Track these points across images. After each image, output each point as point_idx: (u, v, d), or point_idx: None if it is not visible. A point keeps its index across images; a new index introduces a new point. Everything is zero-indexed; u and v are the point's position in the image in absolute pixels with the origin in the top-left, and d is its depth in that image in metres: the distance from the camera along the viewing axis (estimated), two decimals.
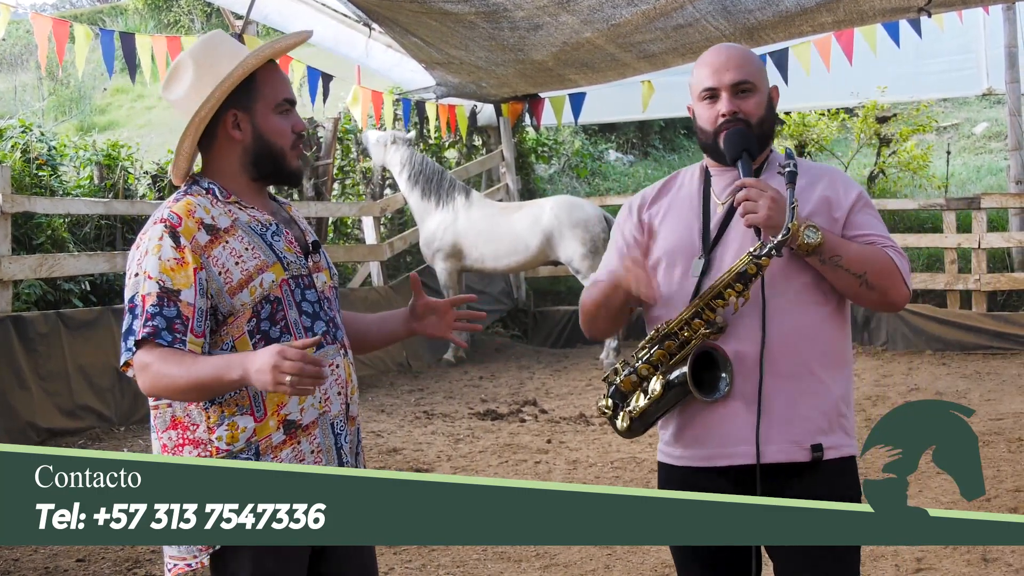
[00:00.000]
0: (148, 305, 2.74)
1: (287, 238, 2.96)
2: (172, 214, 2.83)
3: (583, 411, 9.50)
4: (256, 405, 2.82)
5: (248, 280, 2.83)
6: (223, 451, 2.80)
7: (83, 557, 5.78)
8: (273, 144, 2.95)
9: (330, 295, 3.03)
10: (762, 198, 2.90)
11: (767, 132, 3.12)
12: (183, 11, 27.19)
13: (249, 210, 2.94)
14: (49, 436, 8.23)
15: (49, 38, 9.58)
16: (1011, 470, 6.91)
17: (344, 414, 2.97)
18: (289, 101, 2.99)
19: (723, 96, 3.06)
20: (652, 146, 20.43)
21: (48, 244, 9.63)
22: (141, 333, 2.73)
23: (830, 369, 3.02)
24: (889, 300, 3.02)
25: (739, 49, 3.17)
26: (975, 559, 5.36)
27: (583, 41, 9.31)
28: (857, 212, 3.06)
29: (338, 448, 2.93)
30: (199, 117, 2.89)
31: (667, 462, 3.16)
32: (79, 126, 22.02)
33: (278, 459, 2.82)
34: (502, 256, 12.04)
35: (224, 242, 2.84)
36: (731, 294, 2.92)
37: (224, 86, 2.87)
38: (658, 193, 3.30)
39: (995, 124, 18.51)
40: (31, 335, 8.28)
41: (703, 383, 2.96)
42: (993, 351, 11.67)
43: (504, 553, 5.77)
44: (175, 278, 2.76)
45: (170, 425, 2.87)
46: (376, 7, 9.40)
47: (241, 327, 2.84)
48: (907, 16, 9.35)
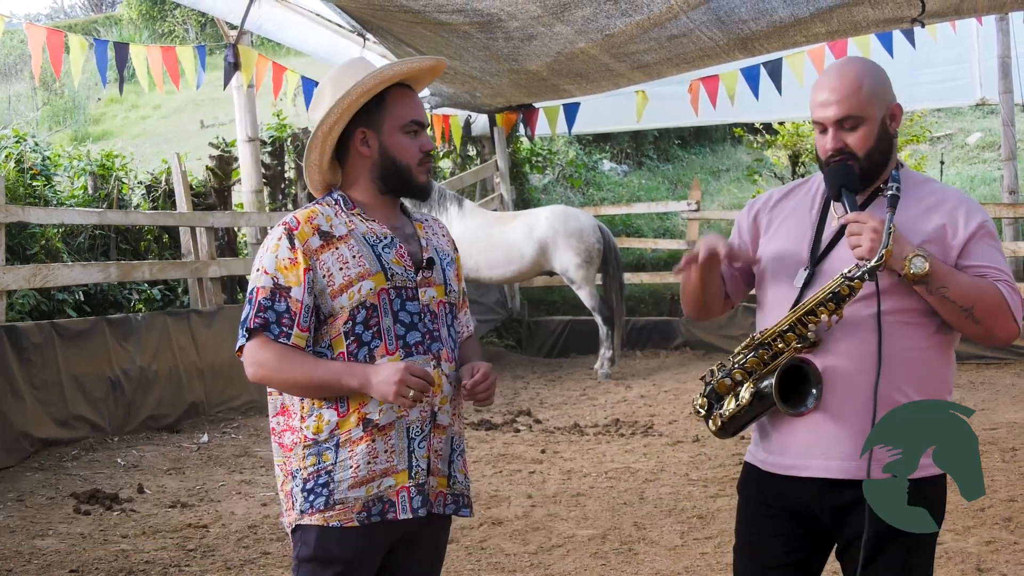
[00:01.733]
0: (261, 298, 3.04)
1: (399, 251, 3.14)
2: (293, 218, 3.09)
3: (577, 421, 9.50)
4: (340, 401, 3.04)
5: (349, 285, 3.04)
6: (310, 439, 3.04)
7: (76, 568, 5.76)
8: (399, 161, 3.15)
9: (437, 310, 3.18)
10: (864, 231, 2.88)
11: (878, 160, 3.06)
12: (177, 21, 27.23)
13: (369, 222, 3.15)
14: (43, 446, 8.21)
15: (43, 48, 9.60)
16: (1005, 480, 6.92)
17: (428, 421, 3.10)
18: (418, 123, 3.18)
19: (830, 131, 3.05)
20: (646, 156, 20.45)
21: (42, 254, 9.62)
22: (252, 323, 3.02)
23: (924, 392, 2.99)
24: (994, 335, 2.98)
25: (851, 76, 3.06)
26: (969, 569, 5.36)
27: (577, 51, 9.33)
28: (975, 242, 2.99)
29: (410, 452, 3.06)
30: (321, 132, 3.12)
31: (751, 463, 3.21)
32: (73, 136, 22.03)
33: (354, 453, 3.02)
34: (496, 266, 12.04)
35: (335, 248, 3.07)
36: (823, 312, 2.93)
37: (343, 104, 3.08)
38: (786, 195, 3.30)
39: (989, 134, 18.56)
40: (25, 345, 8.27)
41: (792, 395, 2.99)
42: (987, 361, 11.69)
43: (499, 563, 5.76)
44: (287, 276, 3.03)
45: (279, 411, 3.14)
46: (370, 17, 9.41)
47: (338, 328, 3.06)
48: (901, 26, 9.37)
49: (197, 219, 10.52)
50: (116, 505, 6.99)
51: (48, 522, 6.64)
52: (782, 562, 3.10)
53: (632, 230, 16.37)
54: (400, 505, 3.03)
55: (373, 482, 3.02)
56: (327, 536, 3.02)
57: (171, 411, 9.50)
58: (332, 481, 3.01)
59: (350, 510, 3.00)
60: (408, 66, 3.17)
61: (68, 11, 36.11)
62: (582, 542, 6.07)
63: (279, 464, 3.13)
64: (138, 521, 6.68)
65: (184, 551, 6.06)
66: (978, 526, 6.03)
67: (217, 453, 8.56)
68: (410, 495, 3.04)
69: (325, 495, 3.00)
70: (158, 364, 9.45)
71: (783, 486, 3.07)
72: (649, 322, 13.95)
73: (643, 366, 12.54)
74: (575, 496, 7.01)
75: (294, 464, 3.05)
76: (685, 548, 5.89)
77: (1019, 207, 12.72)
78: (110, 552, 6.02)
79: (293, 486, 3.06)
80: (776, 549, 3.11)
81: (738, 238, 3.31)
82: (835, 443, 2.96)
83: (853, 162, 3.03)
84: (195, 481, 7.69)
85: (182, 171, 10.63)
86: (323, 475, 3.01)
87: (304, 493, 3.03)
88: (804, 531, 3.08)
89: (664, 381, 11.46)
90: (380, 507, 3.02)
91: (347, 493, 3.00)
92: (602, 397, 10.77)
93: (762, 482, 3.14)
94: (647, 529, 6.26)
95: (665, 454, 8.10)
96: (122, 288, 10.43)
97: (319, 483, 3.01)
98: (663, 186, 19.14)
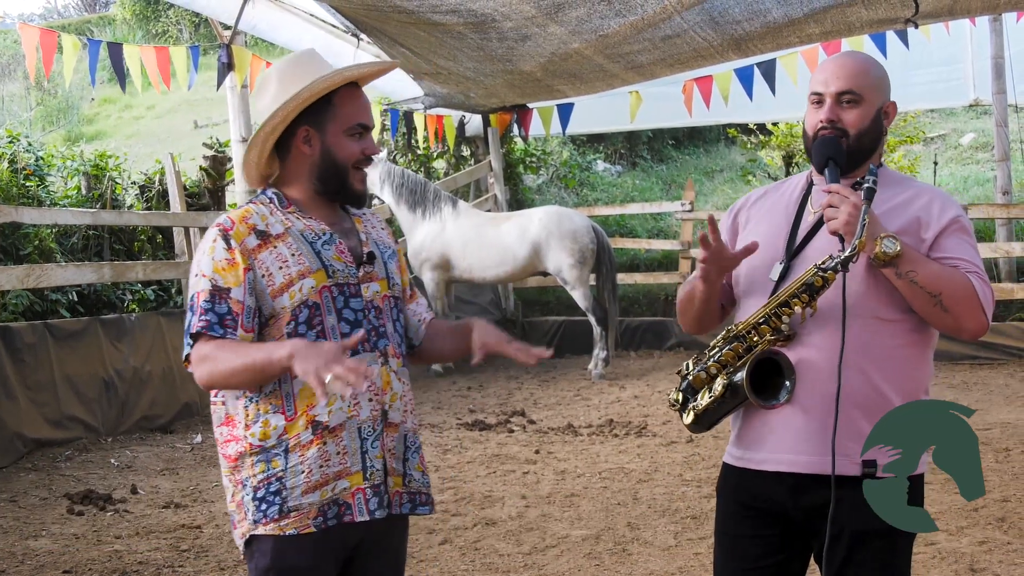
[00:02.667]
0: (201, 301, 2.96)
1: (339, 247, 3.08)
2: (227, 219, 3.02)
3: (571, 421, 9.50)
4: (288, 405, 2.97)
5: (289, 284, 2.98)
6: (256, 447, 2.97)
7: (70, 568, 5.76)
8: (340, 164, 3.08)
9: (382, 305, 3.13)
10: (844, 204, 2.89)
11: (867, 145, 3.08)
12: (171, 21, 27.20)
13: (306, 219, 3.09)
14: (36, 446, 8.20)
15: (37, 48, 9.57)
16: (998, 480, 6.93)
17: (379, 420, 3.05)
18: (363, 126, 3.11)
19: (827, 103, 3.07)
20: (640, 156, 20.45)
21: (35, 254, 9.60)
22: (196, 327, 2.95)
23: (898, 389, 2.97)
24: (962, 326, 2.94)
25: (860, 60, 3.14)
26: (963, 569, 5.37)
27: (571, 52, 9.32)
28: (947, 235, 3.00)
29: (363, 452, 3.01)
30: (264, 132, 3.06)
31: (728, 461, 3.21)
32: (67, 136, 22.00)
33: (304, 458, 2.95)
34: (490, 266, 12.04)
35: (272, 247, 3.00)
36: (797, 304, 2.93)
37: (288, 107, 3.02)
38: (763, 195, 3.32)
39: (982, 135, 18.59)
40: (18, 345, 8.26)
41: (765, 388, 2.98)
42: (980, 361, 11.71)
43: (492, 564, 5.76)
44: (226, 277, 2.95)
45: (223, 421, 3.06)
46: (364, 18, 9.40)
47: (281, 329, 2.99)
48: (894, 27, 9.37)
49: (191, 219, 10.51)
50: (110, 506, 6.98)
51: (41, 523, 6.63)
52: (762, 563, 3.10)
53: (626, 230, 16.37)
54: (356, 507, 2.97)
55: (327, 486, 2.95)
56: (284, 544, 2.94)
57: (165, 411, 9.50)
58: (284, 488, 2.93)
59: (306, 516, 2.93)
60: (360, 71, 3.11)
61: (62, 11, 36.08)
62: (576, 542, 6.07)
63: (227, 476, 3.05)
64: (131, 522, 6.68)
65: (178, 552, 6.05)
66: (971, 526, 6.04)
67: (211, 454, 8.55)
68: (366, 497, 2.99)
69: (278, 503, 2.93)
70: (152, 364, 9.45)
71: (757, 485, 3.07)
72: (643, 323, 13.95)
73: (637, 367, 12.55)
74: (569, 496, 7.01)
75: (243, 473, 2.98)
76: (679, 548, 5.89)
77: (1012, 208, 12.75)
78: (104, 553, 6.02)
79: (244, 496, 2.98)
80: (754, 550, 3.11)
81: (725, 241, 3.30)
82: (805, 437, 2.96)
83: (843, 139, 3.05)
84: (189, 482, 7.68)
85: (176, 171, 10.62)
86: (274, 482, 2.94)
87: (256, 502, 2.95)
88: (780, 531, 3.08)
89: (658, 382, 11.46)
90: (336, 510, 2.96)
91: (301, 499, 2.93)
92: (596, 397, 10.77)
93: (738, 481, 3.14)
94: (641, 529, 6.26)
95: (659, 455, 8.11)
96: (116, 288, 10.41)
97: (271, 491, 2.94)
98: (657, 186, 19.14)
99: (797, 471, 2.98)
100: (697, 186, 17.12)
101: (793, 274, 3.02)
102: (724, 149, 20.72)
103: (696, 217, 14.40)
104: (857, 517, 2.91)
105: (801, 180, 3.24)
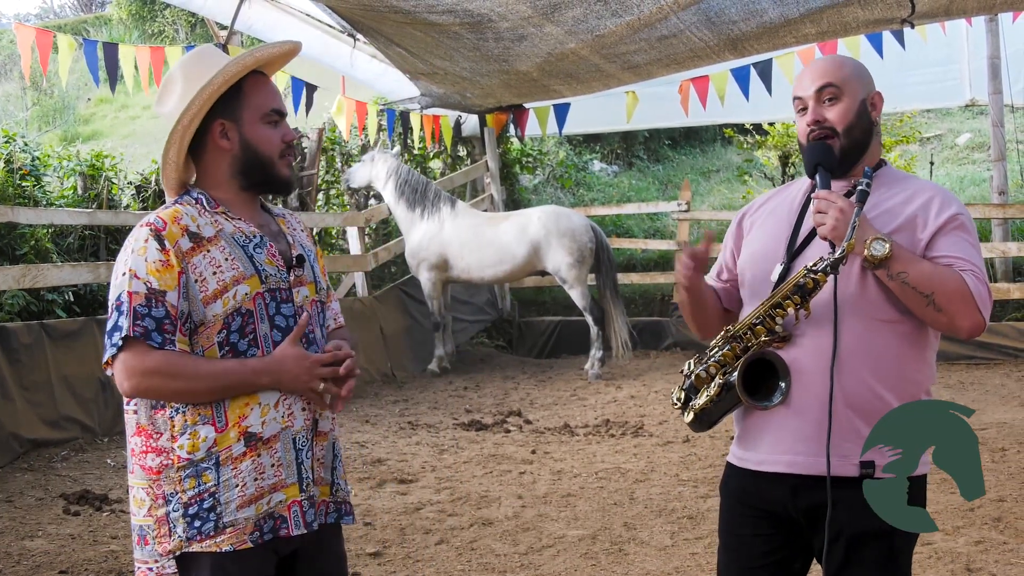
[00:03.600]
0: (136, 304, 2.78)
1: (270, 251, 2.97)
2: (158, 219, 2.86)
3: (568, 421, 9.50)
4: (218, 416, 2.84)
5: (223, 291, 2.85)
6: (184, 460, 2.82)
7: (66, 569, 5.75)
8: (261, 153, 2.97)
9: (311, 309, 3.03)
10: (831, 209, 2.89)
11: (859, 139, 3.07)
12: (167, 21, 27.15)
13: (236, 221, 2.96)
14: (32, 447, 8.19)
15: (32, 48, 9.57)
16: (994, 480, 6.93)
17: (310, 429, 2.97)
18: (277, 112, 3.01)
19: (810, 105, 3.08)
20: (637, 156, 20.45)
21: (31, 254, 9.59)
22: (132, 332, 2.76)
23: (895, 390, 2.96)
24: (957, 325, 2.92)
25: (832, 57, 3.17)
26: (959, 569, 5.37)
27: (567, 52, 9.33)
28: (944, 233, 2.98)
29: (299, 463, 2.92)
30: (181, 126, 2.93)
31: (730, 461, 3.23)
32: (63, 136, 21.97)
33: (238, 471, 2.83)
34: (488, 266, 12.03)
35: (205, 251, 2.86)
36: (790, 305, 2.93)
37: (203, 95, 2.90)
38: (768, 199, 3.33)
39: (978, 135, 18.60)
40: (14, 346, 8.25)
41: (760, 389, 2.99)
42: (976, 361, 11.72)
43: (489, 564, 5.76)
44: (161, 279, 2.79)
45: (136, 431, 2.90)
46: (360, 18, 9.40)
47: (211, 338, 2.85)
48: (890, 27, 9.39)
49: None
50: (106, 506, 6.98)
51: (37, 523, 6.63)
52: (763, 562, 3.11)
53: (622, 230, 16.38)
54: (292, 520, 2.89)
55: (262, 499, 2.85)
56: (222, 561, 2.81)
57: None
58: (219, 504, 2.81)
59: (242, 532, 2.82)
60: (268, 51, 3.01)
61: (58, 11, 36.03)
62: (572, 542, 6.07)
63: (143, 487, 2.86)
64: (128, 522, 6.67)
65: None
66: (967, 526, 6.04)
67: None
68: (302, 509, 2.91)
69: (213, 519, 2.80)
70: None
71: (758, 485, 3.08)
72: (639, 323, 13.95)
73: (633, 367, 12.55)
74: (565, 496, 7.01)
75: (166, 488, 2.81)
76: (675, 548, 5.89)
77: (1008, 207, 12.76)
78: (100, 553, 6.01)
79: (168, 511, 2.81)
80: (757, 549, 3.12)
81: (724, 249, 3.35)
82: (802, 438, 2.96)
83: (834, 139, 3.05)
84: None
85: None
86: (207, 498, 2.80)
87: (187, 519, 2.80)
88: (782, 531, 3.08)
89: (654, 382, 11.46)
90: (272, 524, 2.86)
91: (236, 514, 2.81)
92: (592, 398, 10.77)
93: (739, 481, 3.16)
94: (637, 529, 6.26)
95: (655, 454, 8.11)
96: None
97: (204, 507, 2.80)
98: (653, 186, 19.15)
99: (795, 472, 2.98)
100: (693, 186, 17.13)
101: (790, 276, 3.02)
102: (720, 149, 20.73)
103: (692, 217, 14.40)
104: (855, 518, 2.90)
105: (805, 183, 3.24)
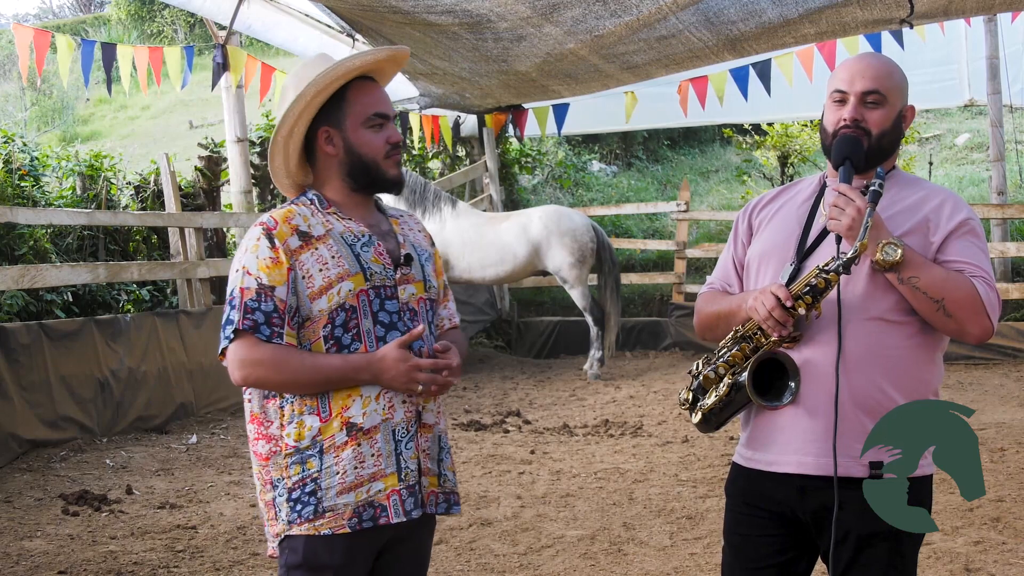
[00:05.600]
0: (247, 299, 2.97)
1: (377, 249, 3.10)
2: (271, 218, 3.04)
3: (566, 422, 9.50)
4: (323, 406, 2.99)
5: (328, 287, 3.00)
6: (291, 447, 2.98)
7: (65, 569, 5.75)
8: (365, 157, 3.12)
9: (417, 307, 3.15)
10: (849, 206, 2.89)
11: (887, 147, 3.08)
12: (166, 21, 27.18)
13: (346, 221, 3.12)
14: (31, 447, 8.19)
15: (31, 48, 9.56)
16: (993, 480, 6.93)
17: (413, 421, 3.08)
18: (380, 115, 3.14)
19: (850, 102, 3.06)
20: (635, 157, 20.46)
21: (30, 255, 9.59)
22: (241, 324, 2.95)
23: (904, 391, 2.96)
24: (966, 331, 2.93)
25: (885, 62, 3.14)
26: (958, 569, 5.37)
27: (566, 52, 9.33)
28: (955, 238, 2.98)
29: (398, 454, 3.03)
30: (281, 136, 3.10)
31: (737, 461, 3.21)
32: (62, 136, 21.98)
33: (339, 459, 2.97)
34: (489, 266, 12.03)
35: (314, 248, 3.02)
36: (801, 305, 2.91)
37: (297, 108, 3.05)
38: (775, 196, 3.31)
39: (977, 135, 18.61)
40: (13, 346, 8.24)
41: (770, 389, 2.97)
42: (976, 362, 11.73)
43: (488, 564, 5.76)
44: (271, 275, 2.97)
45: (250, 419, 3.08)
46: (359, 18, 9.40)
47: (317, 331, 3.01)
48: (889, 27, 9.39)
49: (186, 220, 10.50)
50: (104, 506, 6.97)
51: (36, 523, 6.62)
52: (768, 562, 3.10)
53: (621, 231, 16.38)
54: (392, 509, 2.99)
55: (362, 487, 2.97)
56: (316, 543, 2.96)
57: (160, 412, 9.49)
58: (320, 489, 2.95)
59: (340, 517, 2.95)
60: (363, 59, 3.13)
61: (56, 11, 36.03)
62: (571, 543, 6.07)
63: (256, 472, 3.08)
64: (126, 522, 6.67)
65: (173, 552, 6.05)
66: (966, 526, 6.04)
67: (206, 454, 8.55)
68: (401, 498, 3.00)
69: (313, 504, 2.95)
70: (147, 365, 9.43)
71: (765, 486, 3.06)
72: (638, 323, 13.96)
73: (632, 367, 12.55)
74: (564, 497, 7.01)
75: (274, 473, 3.00)
76: (674, 548, 5.89)
77: (1007, 208, 12.77)
78: (99, 553, 6.01)
79: (275, 496, 3.01)
80: (762, 549, 3.11)
81: (734, 244, 3.32)
82: (812, 439, 2.96)
83: (865, 138, 3.04)
84: (184, 482, 7.67)
85: (171, 172, 10.61)
86: (309, 483, 2.96)
87: (290, 503, 2.97)
88: (787, 532, 3.07)
89: (653, 382, 11.46)
90: (371, 512, 2.97)
91: (336, 500, 2.95)
92: (591, 398, 10.77)
93: (746, 482, 3.14)
94: (636, 530, 6.26)
95: (654, 455, 8.11)
96: (111, 289, 10.40)
97: (306, 492, 2.96)
98: (652, 187, 19.16)
99: (804, 472, 2.98)
100: (692, 186, 17.15)
101: (802, 276, 3.01)
102: (719, 149, 20.74)
103: (691, 217, 14.40)
104: (863, 519, 2.90)
105: (814, 182, 3.23)
